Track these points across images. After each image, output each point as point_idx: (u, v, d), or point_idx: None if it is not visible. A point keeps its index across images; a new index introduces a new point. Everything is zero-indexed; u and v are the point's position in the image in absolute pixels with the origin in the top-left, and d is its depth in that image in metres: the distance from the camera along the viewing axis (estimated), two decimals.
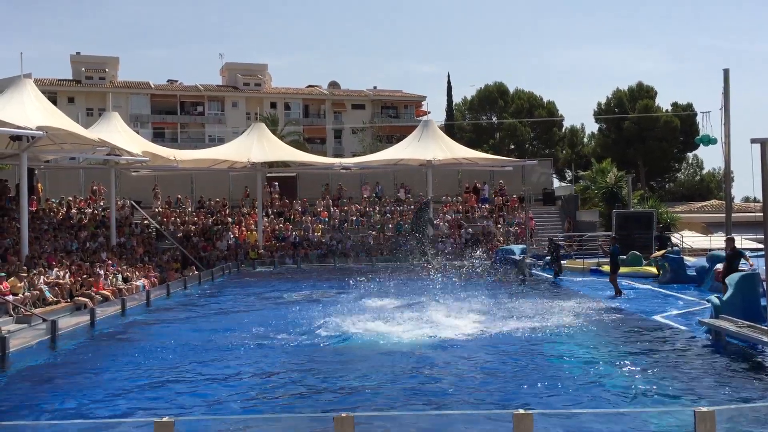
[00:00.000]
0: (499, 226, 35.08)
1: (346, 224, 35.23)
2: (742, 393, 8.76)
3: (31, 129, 20.01)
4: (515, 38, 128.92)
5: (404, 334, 13.07)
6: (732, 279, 13.45)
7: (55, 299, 17.52)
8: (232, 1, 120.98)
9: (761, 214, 12.15)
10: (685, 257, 23.57)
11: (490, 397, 8.78)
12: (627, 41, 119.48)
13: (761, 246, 19.26)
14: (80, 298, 18.09)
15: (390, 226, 34.81)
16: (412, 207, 36.45)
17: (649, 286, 20.44)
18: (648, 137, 60.32)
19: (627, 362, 10.59)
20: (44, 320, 14.29)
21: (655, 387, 9.04)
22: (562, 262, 25.97)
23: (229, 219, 34.64)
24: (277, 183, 37.45)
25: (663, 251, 24.05)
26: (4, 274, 16.79)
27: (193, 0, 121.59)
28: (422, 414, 8.00)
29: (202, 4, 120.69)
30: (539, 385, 9.21)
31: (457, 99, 72.34)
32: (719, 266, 18.31)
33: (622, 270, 23.86)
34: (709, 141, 25.45)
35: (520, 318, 14.87)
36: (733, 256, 15.91)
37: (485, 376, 9.83)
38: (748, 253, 17.55)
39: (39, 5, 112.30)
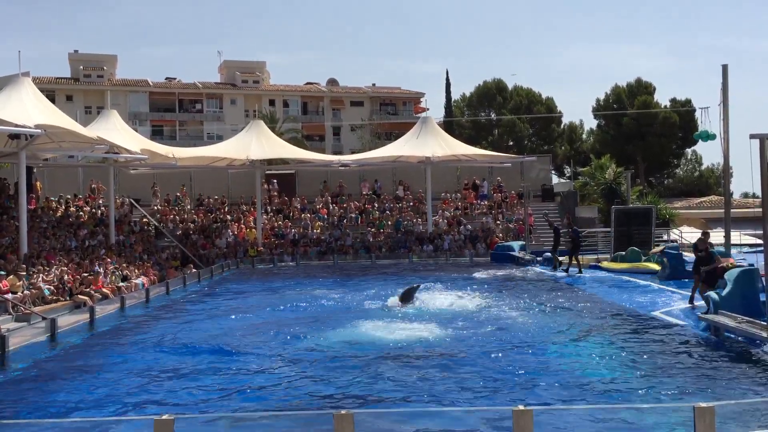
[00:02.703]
0: (498, 222, 35.08)
1: (345, 221, 35.23)
2: (742, 388, 8.77)
3: (30, 127, 20.01)
4: (514, 35, 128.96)
5: (406, 330, 13.10)
6: (731, 274, 13.47)
7: (55, 297, 17.51)
8: None
9: (760, 209, 12.16)
10: (684, 253, 23.56)
11: (490, 394, 8.79)
12: (626, 39, 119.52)
13: (761, 242, 19.25)
14: (79, 296, 18.09)
15: (389, 222, 34.81)
16: (412, 204, 36.49)
17: (648, 282, 20.43)
18: (647, 133, 60.32)
19: (626, 358, 10.61)
20: (43, 318, 14.30)
21: (654, 382, 9.05)
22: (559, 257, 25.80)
23: (229, 216, 34.64)
24: (275, 180, 37.43)
25: (662, 247, 24.05)
26: (3, 272, 16.78)
27: None
28: (422, 411, 8.01)
29: (200, 1, 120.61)
30: (538, 380, 9.22)
31: (455, 96, 72.42)
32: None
33: (621, 266, 23.93)
34: (707, 137, 25.43)
35: (520, 313, 14.91)
36: (708, 258, 14.64)
37: (485, 372, 9.84)
38: (746, 249, 17.55)
39: (37, 4, 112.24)
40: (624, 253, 24.87)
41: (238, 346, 12.14)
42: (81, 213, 31.27)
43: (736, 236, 25.34)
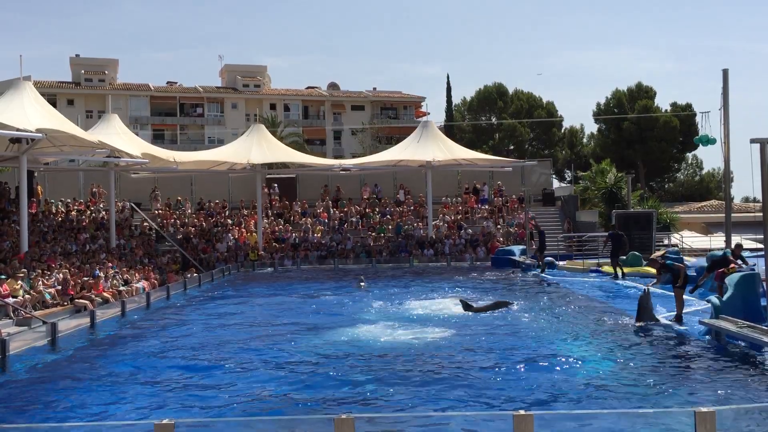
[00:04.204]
0: (498, 226, 35.07)
1: (345, 225, 35.23)
2: (743, 393, 8.75)
3: (31, 131, 20.03)
4: (515, 39, 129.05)
5: (408, 333, 13.10)
6: (732, 279, 13.45)
7: (55, 301, 17.51)
8: (231, 3, 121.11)
9: (761, 214, 12.17)
10: (684, 257, 23.55)
11: (491, 398, 8.78)
12: (626, 42, 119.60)
13: (761, 246, 19.23)
14: (80, 300, 18.09)
15: (390, 227, 34.82)
16: (412, 208, 36.49)
17: (649, 287, 20.39)
18: (647, 137, 60.39)
19: (626, 362, 10.59)
20: (44, 323, 14.28)
21: (654, 387, 9.04)
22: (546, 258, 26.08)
23: (229, 220, 34.65)
24: (276, 184, 37.46)
25: (663, 252, 23.99)
26: (4, 276, 16.78)
27: (192, 2, 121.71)
28: (422, 415, 8.00)
29: (201, 5, 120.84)
30: (539, 385, 9.21)
31: (456, 100, 72.51)
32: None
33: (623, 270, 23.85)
34: (708, 141, 25.42)
35: (519, 317, 14.91)
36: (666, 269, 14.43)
37: (485, 376, 9.83)
38: (746, 254, 17.49)
39: (38, 7, 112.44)
40: (625, 257, 24.84)
41: (238, 350, 12.13)
42: (82, 217, 31.28)
43: (736, 241, 25.32)
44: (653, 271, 22.37)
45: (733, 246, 18.15)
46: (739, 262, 16.22)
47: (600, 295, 19.29)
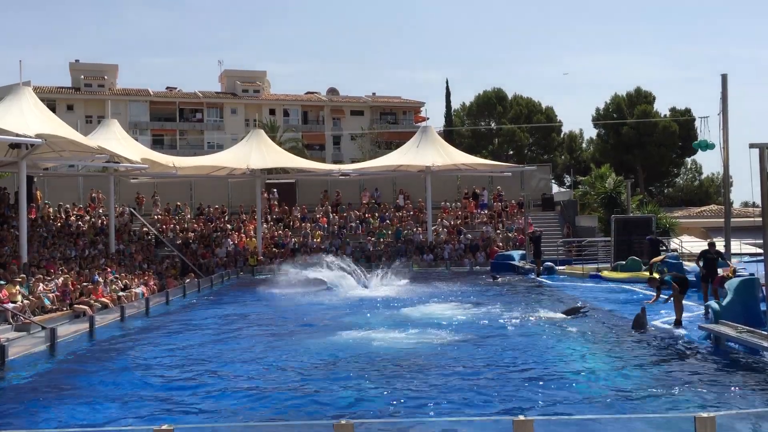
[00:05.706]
0: (498, 231, 35.07)
1: (345, 230, 35.22)
2: (742, 398, 8.75)
3: (30, 136, 20.04)
4: (514, 44, 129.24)
5: (408, 338, 13.09)
6: (731, 284, 13.48)
7: (54, 307, 17.47)
8: (230, 8, 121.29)
9: (760, 219, 12.17)
10: (684, 262, 23.56)
11: (490, 403, 8.76)
12: (625, 47, 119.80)
13: (761, 251, 19.24)
14: (79, 305, 18.05)
15: (389, 232, 34.81)
16: (412, 213, 36.47)
17: (648, 292, 20.39)
18: (646, 142, 60.44)
19: (626, 368, 10.58)
20: (43, 328, 14.27)
21: (654, 392, 9.03)
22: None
23: (229, 226, 34.64)
24: (276, 189, 37.46)
25: (662, 256, 24.00)
26: (3, 281, 16.76)
27: (191, 7, 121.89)
28: (422, 420, 7.99)
29: (201, 11, 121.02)
30: (538, 390, 9.20)
31: (455, 105, 72.55)
32: (719, 271, 18.29)
33: (622, 275, 23.89)
34: (707, 146, 25.42)
35: (519, 321, 14.90)
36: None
37: (485, 381, 9.82)
38: (746, 258, 17.54)
39: (39, 13, 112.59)
40: (624, 262, 24.86)
41: (237, 356, 12.12)
42: (80, 223, 31.24)
43: (736, 245, 25.33)
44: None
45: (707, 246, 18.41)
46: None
47: (598, 300, 19.27)
